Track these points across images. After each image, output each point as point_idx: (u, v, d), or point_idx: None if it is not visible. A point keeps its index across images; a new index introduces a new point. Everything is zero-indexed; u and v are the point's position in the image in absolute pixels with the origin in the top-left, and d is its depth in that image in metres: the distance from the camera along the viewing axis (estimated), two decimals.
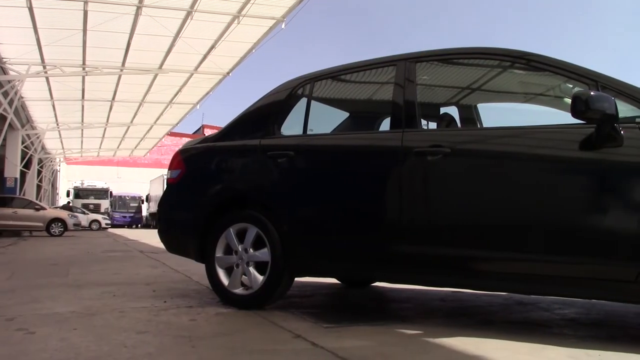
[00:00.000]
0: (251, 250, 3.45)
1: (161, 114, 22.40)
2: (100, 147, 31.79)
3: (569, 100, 2.61)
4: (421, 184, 3.04)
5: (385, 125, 3.75)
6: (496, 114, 4.12)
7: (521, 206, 2.74)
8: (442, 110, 3.90)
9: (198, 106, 21.32)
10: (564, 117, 2.77)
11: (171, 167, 4.03)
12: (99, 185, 35.87)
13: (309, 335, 2.70)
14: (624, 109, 2.59)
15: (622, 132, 2.49)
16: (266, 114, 3.73)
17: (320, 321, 3.03)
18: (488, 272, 2.83)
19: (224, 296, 3.56)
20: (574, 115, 2.52)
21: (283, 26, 13.25)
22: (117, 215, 36.35)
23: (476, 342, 2.56)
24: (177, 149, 4.31)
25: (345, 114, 4.28)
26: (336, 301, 4.08)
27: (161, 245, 4.19)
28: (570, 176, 2.66)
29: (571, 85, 2.92)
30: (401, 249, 2.99)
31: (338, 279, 4.75)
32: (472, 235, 2.84)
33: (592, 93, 2.48)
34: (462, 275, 2.89)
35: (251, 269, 3.42)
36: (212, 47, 14.57)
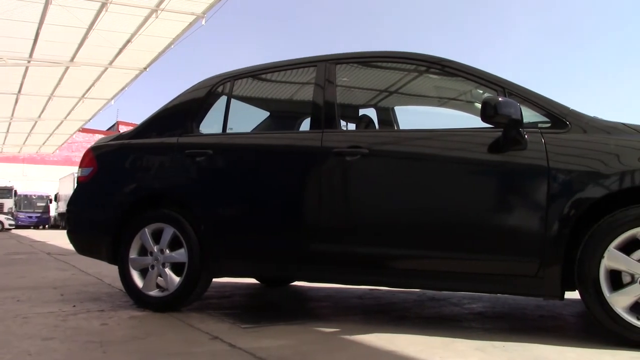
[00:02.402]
0: (167, 251, 3.36)
1: (72, 109, 21.26)
2: (3, 143, 29.74)
3: (479, 105, 2.75)
4: (340, 184, 3.09)
5: (305, 125, 3.78)
6: (412, 117, 4.27)
7: (434, 206, 2.85)
8: (361, 111, 3.98)
9: (113, 102, 20.45)
10: (475, 121, 2.91)
11: (82, 165, 3.85)
12: (2, 183, 33.74)
13: (226, 336, 2.66)
14: (528, 115, 2.76)
15: (526, 136, 2.66)
16: (184, 112, 3.65)
17: (239, 322, 3.01)
18: (403, 270, 2.93)
19: (138, 299, 3.44)
20: (484, 119, 2.66)
21: (203, 22, 12.98)
22: (22, 215, 34.29)
23: (391, 337, 2.63)
24: (89, 145, 4.13)
25: (266, 114, 4.27)
26: (255, 301, 4.06)
27: (70, 247, 3.98)
28: (479, 177, 2.81)
29: (481, 91, 3.08)
30: (320, 248, 3.02)
31: (257, 279, 4.73)
32: (388, 234, 2.92)
33: (500, 99, 2.62)
34: (379, 273, 2.97)
35: (167, 270, 3.33)
36: (129, 41, 14.03)
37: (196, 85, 3.74)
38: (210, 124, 3.69)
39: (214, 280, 3.54)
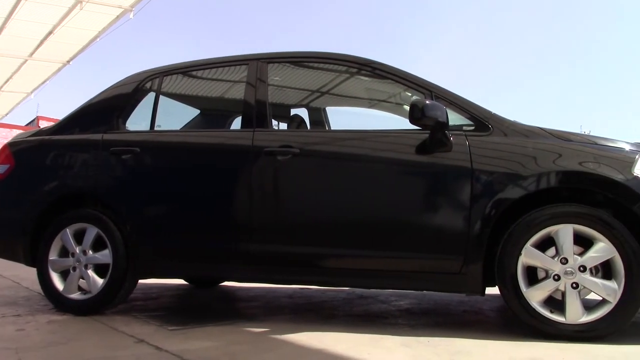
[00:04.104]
0: (90, 252, 3.23)
1: None
2: None
3: (407, 108, 2.82)
4: (271, 184, 3.09)
5: (237, 124, 3.74)
6: (343, 117, 4.33)
7: (363, 206, 2.90)
8: (293, 111, 3.99)
9: (32, 96, 19.40)
10: (403, 123, 2.99)
11: None
12: None
13: (152, 339, 2.59)
14: (454, 118, 2.86)
15: (451, 138, 2.76)
16: (110, 108, 3.52)
17: (166, 324, 2.94)
18: (333, 269, 2.97)
19: (58, 302, 3.29)
20: (411, 121, 2.74)
21: (131, 16, 12.55)
22: None
23: (320, 336, 2.65)
24: (6, 141, 3.89)
25: (196, 111, 4.19)
26: (183, 303, 3.98)
27: None
28: (406, 178, 2.88)
29: (410, 94, 3.16)
30: (250, 248, 3.01)
31: (185, 280, 4.64)
32: (318, 233, 2.95)
33: (427, 102, 2.71)
34: (309, 272, 2.99)
35: (90, 272, 3.20)
36: (51, 32, 13.35)
37: (123, 80, 3.62)
38: (138, 121, 3.58)
39: (140, 281, 3.44)
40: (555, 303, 2.62)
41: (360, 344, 2.49)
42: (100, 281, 3.19)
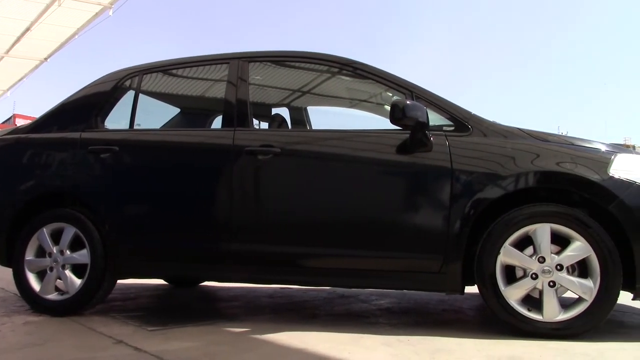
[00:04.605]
0: (68, 252, 3.18)
1: None
2: None
3: (388, 108, 2.84)
4: (252, 183, 3.08)
5: (217, 123, 3.72)
6: (324, 117, 4.33)
7: (344, 205, 2.91)
8: (274, 111, 3.98)
9: (9, 93, 19.09)
10: (384, 123, 3.00)
11: None
12: None
13: (131, 339, 2.57)
14: (434, 118, 2.88)
15: (431, 138, 2.78)
16: (89, 106, 3.47)
17: (145, 324, 2.91)
18: (314, 268, 2.97)
19: (34, 303, 3.23)
20: (392, 121, 2.75)
21: (110, 13, 12.40)
22: None
23: (301, 335, 2.65)
24: None
25: (176, 110, 4.16)
26: (162, 303, 3.94)
27: None
28: (387, 178, 2.90)
29: (390, 94, 3.18)
30: (231, 248, 2.99)
31: (165, 280, 4.59)
32: (299, 233, 2.95)
33: (407, 102, 2.73)
34: (290, 272, 2.99)
35: (67, 272, 3.16)
36: (28, 29, 13.13)
37: (102, 78, 3.57)
38: (117, 120, 3.54)
39: (119, 281, 3.40)
40: (533, 301, 2.66)
41: (341, 343, 2.50)
42: (78, 281, 3.14)
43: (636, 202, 2.55)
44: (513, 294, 2.61)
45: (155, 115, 4.02)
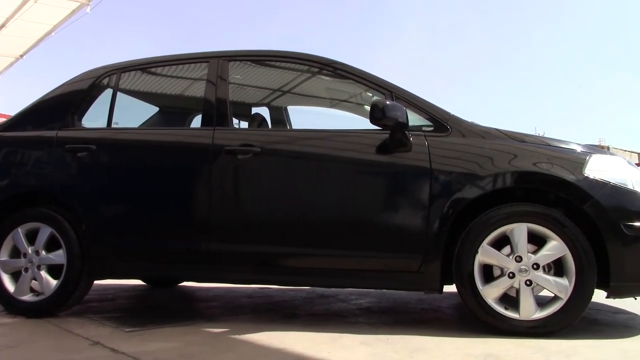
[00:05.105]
0: (43, 253, 3.14)
1: None
2: None
3: (368, 108, 2.85)
4: (231, 183, 3.06)
5: (197, 122, 3.70)
6: (305, 117, 4.33)
7: (324, 205, 2.91)
8: (254, 110, 3.96)
9: None
10: (364, 123, 3.01)
11: None
12: None
13: (108, 341, 2.54)
14: (413, 119, 2.90)
15: (411, 138, 2.79)
16: (65, 104, 3.42)
17: (122, 325, 2.88)
18: (294, 268, 2.97)
19: (9, 304, 3.17)
20: (372, 121, 2.76)
21: (88, 10, 12.22)
22: None
23: (280, 335, 2.65)
24: None
25: (155, 109, 4.12)
26: (140, 303, 3.91)
27: None
28: (367, 178, 2.91)
29: (370, 94, 3.19)
30: (210, 248, 2.98)
31: (143, 280, 4.55)
32: (279, 232, 2.94)
33: (387, 102, 2.74)
34: (270, 272, 2.98)
35: (43, 273, 3.11)
36: (3, 25, 12.89)
37: (79, 76, 3.52)
38: (94, 118, 3.49)
39: (96, 282, 3.35)
40: (510, 300, 2.69)
41: (320, 343, 2.50)
42: (53, 282, 3.10)
43: (610, 202, 2.59)
44: (490, 293, 2.64)
45: (133, 114, 3.98)
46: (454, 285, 2.73)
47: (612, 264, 2.54)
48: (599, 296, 2.72)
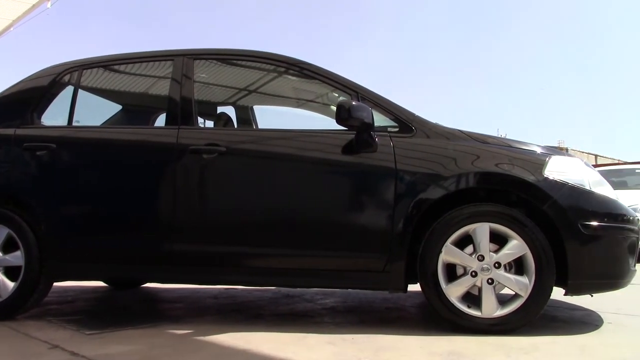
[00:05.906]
0: (0, 254, 3.05)
1: None
2: None
3: (334, 108, 2.86)
4: (196, 183, 3.03)
5: (161, 121, 3.64)
6: (271, 117, 4.31)
7: (290, 205, 2.91)
8: (220, 109, 3.93)
9: None
10: (330, 123, 3.02)
11: None
12: None
13: (68, 344, 2.47)
14: (379, 119, 2.93)
15: (376, 139, 2.82)
16: (24, 101, 3.33)
17: (83, 328, 2.81)
18: (259, 268, 2.95)
19: None
20: (338, 121, 2.78)
21: (49, 6, 11.88)
22: None
23: (246, 336, 2.63)
24: None
25: (118, 107, 4.04)
26: (102, 306, 3.83)
27: None
28: (333, 178, 2.92)
29: (337, 95, 3.20)
30: (175, 248, 2.94)
31: (105, 282, 4.46)
32: (244, 233, 2.92)
33: (353, 103, 2.76)
34: (235, 272, 2.96)
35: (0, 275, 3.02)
36: None
37: (39, 72, 3.43)
38: (54, 116, 3.41)
39: (55, 284, 3.27)
40: (473, 298, 2.74)
41: (286, 343, 2.50)
42: (11, 285, 3.01)
43: (568, 203, 2.67)
44: (454, 292, 2.69)
45: (95, 112, 3.90)
46: (418, 284, 2.76)
47: (570, 263, 2.61)
48: (557, 294, 2.80)
